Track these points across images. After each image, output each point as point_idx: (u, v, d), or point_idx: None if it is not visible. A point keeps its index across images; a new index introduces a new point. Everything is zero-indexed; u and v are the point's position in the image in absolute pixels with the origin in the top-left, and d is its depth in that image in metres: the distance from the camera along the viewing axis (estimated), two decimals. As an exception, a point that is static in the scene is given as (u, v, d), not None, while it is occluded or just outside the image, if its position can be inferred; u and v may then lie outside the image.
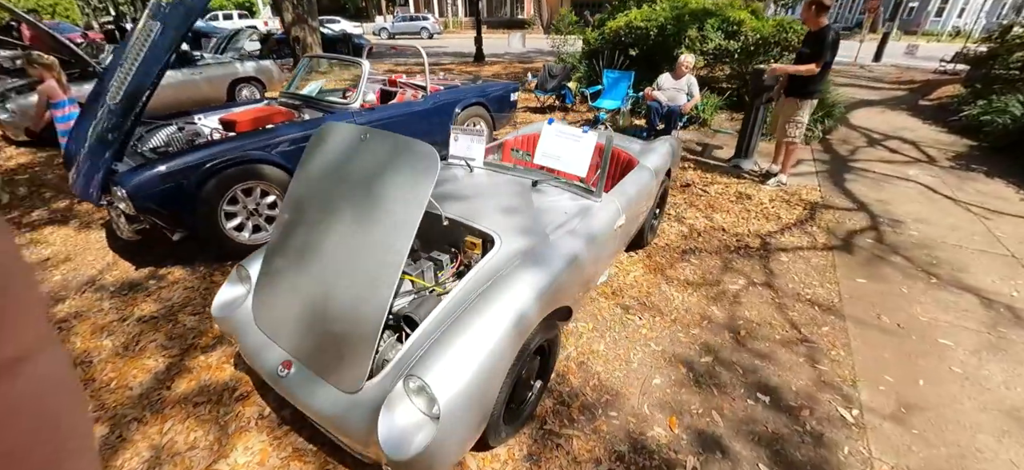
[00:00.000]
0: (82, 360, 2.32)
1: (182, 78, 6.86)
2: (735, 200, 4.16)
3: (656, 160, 2.95)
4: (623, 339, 2.45)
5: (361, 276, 1.48)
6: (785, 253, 3.33)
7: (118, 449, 1.84)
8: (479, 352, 1.41)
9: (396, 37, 26.62)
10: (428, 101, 4.40)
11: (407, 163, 1.54)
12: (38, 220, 3.77)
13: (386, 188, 1.53)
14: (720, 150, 5.58)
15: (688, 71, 5.51)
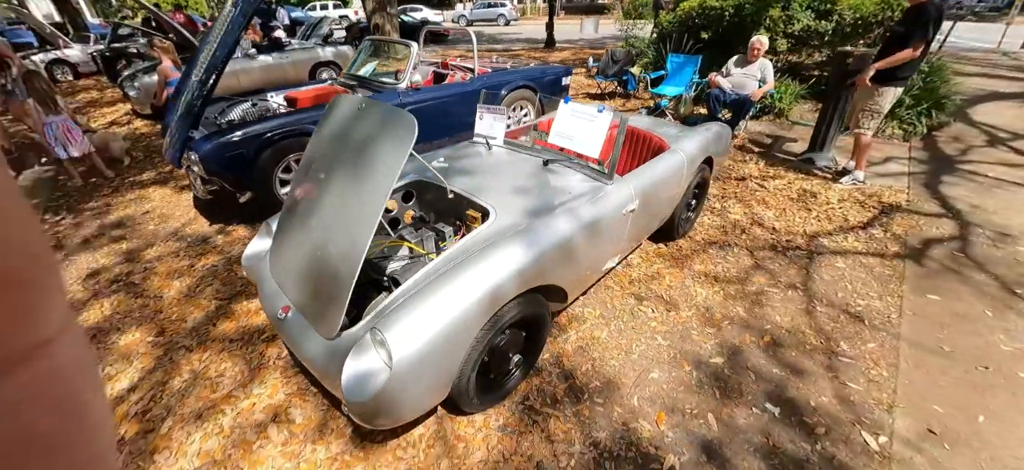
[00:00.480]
0: (155, 295, 2.76)
1: (271, 62, 7.66)
2: (796, 198, 3.74)
3: (691, 147, 2.75)
4: (629, 329, 2.36)
5: (343, 232, 1.60)
6: (842, 258, 2.95)
7: (167, 369, 2.19)
8: (443, 315, 1.46)
9: (474, 23, 27.16)
10: (474, 83, 4.50)
11: (389, 130, 1.62)
12: (146, 180, 4.50)
13: (371, 153, 1.63)
14: (794, 144, 5.02)
15: (761, 55, 5.00)
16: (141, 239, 3.44)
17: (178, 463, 1.73)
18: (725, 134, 3.23)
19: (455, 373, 1.56)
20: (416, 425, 1.82)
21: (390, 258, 2.00)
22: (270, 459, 1.73)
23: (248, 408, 1.95)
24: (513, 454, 1.73)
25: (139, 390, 2.07)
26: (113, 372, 2.19)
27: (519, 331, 1.88)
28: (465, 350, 1.55)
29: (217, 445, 1.79)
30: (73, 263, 3.16)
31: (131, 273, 3.01)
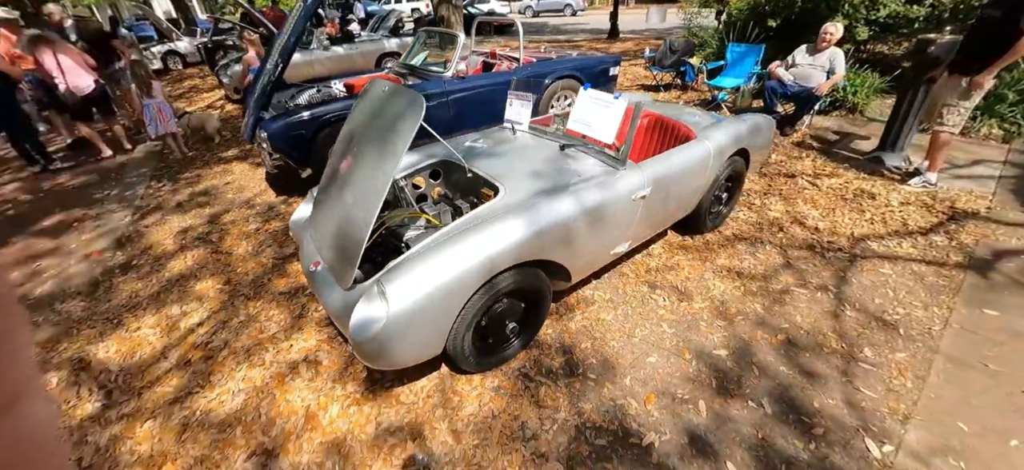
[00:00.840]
0: (227, 251, 3.24)
1: (342, 53, 8.31)
2: (849, 198, 3.47)
3: (721, 138, 2.67)
4: (635, 314, 2.40)
5: (360, 199, 1.82)
6: (890, 264, 2.72)
7: (228, 311, 2.59)
8: (438, 275, 1.63)
9: (540, 14, 27.08)
10: (518, 72, 4.62)
11: (401, 108, 1.81)
12: (230, 156, 5.17)
13: (386, 129, 1.83)
14: (864, 142, 4.59)
15: (833, 44, 4.60)
16: (221, 205, 4.01)
17: (227, 385, 2.08)
18: (766, 127, 3.08)
19: (449, 330, 1.73)
20: (420, 378, 2.03)
21: (409, 227, 2.22)
22: (297, 390, 2.02)
23: (286, 349, 2.27)
24: (502, 412, 1.88)
25: (205, 325, 2.49)
26: (188, 310, 2.64)
27: (518, 302, 2.01)
28: (458, 309, 1.71)
29: (258, 375, 2.13)
30: (169, 222, 3.77)
31: (210, 232, 3.54)
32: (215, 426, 1.89)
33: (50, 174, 5.07)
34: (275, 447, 1.78)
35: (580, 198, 2.03)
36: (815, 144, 4.56)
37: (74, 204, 4.27)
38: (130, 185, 4.65)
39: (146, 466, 1.74)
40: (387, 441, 1.78)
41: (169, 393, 2.07)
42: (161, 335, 2.46)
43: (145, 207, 4.12)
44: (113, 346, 2.39)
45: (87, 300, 2.82)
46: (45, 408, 0.32)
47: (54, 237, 3.68)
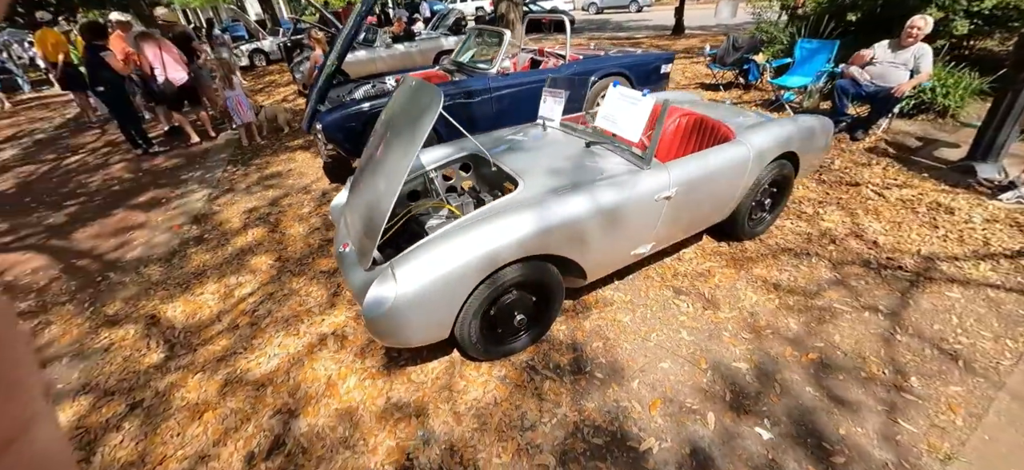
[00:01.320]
0: (282, 231, 3.56)
1: (403, 50, 8.72)
2: (922, 212, 3.10)
3: (762, 140, 2.50)
4: (654, 318, 2.33)
5: (383, 185, 1.95)
6: (960, 288, 2.41)
7: (276, 285, 2.87)
8: (444, 263, 1.71)
9: (604, 11, 26.50)
10: (562, 69, 4.62)
11: (420, 104, 1.91)
12: (296, 145, 5.65)
13: (409, 121, 1.94)
14: (953, 150, 4.06)
15: (920, 39, 4.11)
16: (282, 189, 4.40)
17: (266, 350, 2.32)
18: (821, 129, 2.84)
19: (455, 315, 1.81)
20: (432, 360, 2.13)
21: (432, 216, 2.33)
22: (323, 360, 2.21)
23: (318, 322, 2.48)
24: (504, 401, 1.92)
25: (255, 295, 2.77)
26: (243, 281, 2.95)
27: (528, 295, 2.04)
28: (463, 296, 1.78)
29: (292, 344, 2.34)
30: (238, 202, 4.21)
31: (270, 213, 3.91)
32: (251, 384, 2.12)
33: (149, 156, 5.84)
34: (297, 408, 1.96)
35: (596, 196, 2.01)
36: (891, 150, 4.11)
37: (165, 183, 4.90)
38: (210, 168, 5.24)
39: (191, 411, 1.99)
40: (394, 415, 1.90)
41: (218, 352, 2.34)
42: (219, 301, 2.78)
43: (221, 188, 4.63)
44: (180, 307, 2.75)
45: (164, 266, 3.24)
46: (55, 435, 0.31)
47: (146, 211, 4.26)
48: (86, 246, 3.70)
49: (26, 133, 8.34)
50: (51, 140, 7.58)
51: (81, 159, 6.23)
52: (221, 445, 1.83)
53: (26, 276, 3.32)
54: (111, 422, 2.00)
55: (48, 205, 4.67)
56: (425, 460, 1.72)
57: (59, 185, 5.28)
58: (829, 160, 3.99)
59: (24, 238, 3.95)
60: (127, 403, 2.09)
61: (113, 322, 2.68)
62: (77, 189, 5.07)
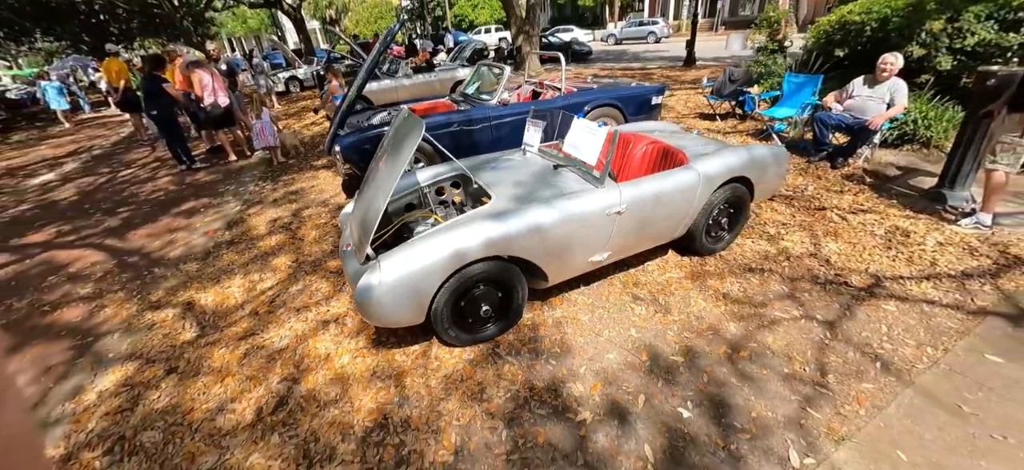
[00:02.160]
0: (301, 237, 4.05)
1: (423, 80, 9.40)
2: (879, 235, 3.32)
3: (711, 167, 2.83)
4: (609, 318, 2.65)
5: (376, 195, 2.37)
6: (898, 303, 2.64)
7: (292, 281, 3.32)
8: (420, 258, 2.11)
9: (623, 42, 27.25)
10: (557, 101, 5.06)
11: (407, 131, 2.34)
12: (320, 165, 6.25)
13: (397, 145, 2.38)
14: (931, 179, 4.25)
15: (894, 74, 4.37)
16: (304, 203, 4.94)
17: (279, 331, 2.75)
18: (774, 157, 3.14)
19: (429, 301, 2.19)
20: (413, 344, 2.51)
21: (421, 223, 2.74)
22: (324, 340, 2.62)
23: (324, 311, 2.90)
24: (468, 378, 2.27)
25: (273, 289, 3.23)
26: (265, 277, 3.42)
27: (494, 291, 2.41)
28: (435, 286, 2.16)
29: (301, 327, 2.77)
30: (265, 212, 4.76)
31: (292, 223, 4.42)
32: (265, 357, 2.54)
33: (192, 172, 6.55)
34: (299, 376, 2.37)
35: (554, 207, 2.38)
36: (868, 178, 4.33)
37: (204, 194, 5.53)
38: (244, 183, 5.87)
39: (216, 375, 2.43)
40: (376, 383, 2.28)
41: (240, 332, 2.79)
42: (243, 293, 3.25)
43: (251, 200, 5.21)
44: (211, 297, 3.23)
45: (200, 263, 3.76)
46: (17, 407, 0.33)
47: (187, 217, 4.86)
48: (136, 245, 4.29)
49: (86, 149, 9.35)
50: (107, 155, 8.51)
51: (133, 172, 7.02)
52: (237, 401, 2.25)
53: (87, 268, 3.90)
54: (152, 382, 2.45)
55: (105, 211, 5.35)
56: (397, 418, 2.08)
57: (114, 194, 6.01)
58: (805, 186, 4.24)
59: (85, 238, 4.59)
60: (165, 368, 2.54)
61: (156, 306, 3.18)
62: (129, 198, 5.77)
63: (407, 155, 2.23)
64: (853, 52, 5.72)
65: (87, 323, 3.09)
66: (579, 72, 13.28)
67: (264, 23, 37.20)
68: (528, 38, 13.68)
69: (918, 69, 5.21)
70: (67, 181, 6.99)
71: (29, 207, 5.89)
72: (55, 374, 2.60)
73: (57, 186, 6.75)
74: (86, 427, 2.21)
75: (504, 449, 1.92)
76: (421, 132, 2.22)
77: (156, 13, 18.84)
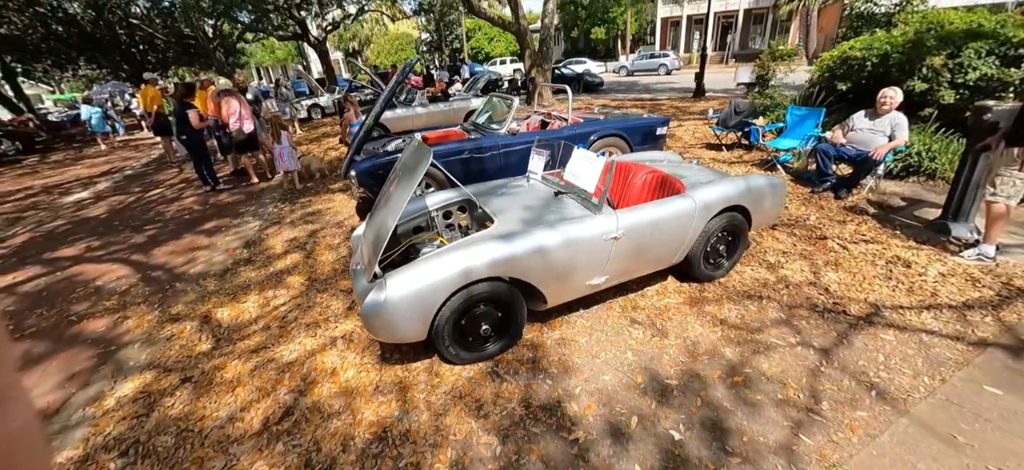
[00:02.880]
0: (315, 257, 4.22)
1: (438, 109, 9.74)
2: (880, 265, 3.34)
3: (707, 196, 2.92)
4: (607, 341, 2.71)
5: (385, 218, 2.52)
6: (896, 332, 2.65)
7: (304, 298, 3.47)
8: (425, 277, 2.22)
9: (634, 74, 27.77)
10: (564, 131, 5.24)
11: (417, 158, 2.50)
12: (337, 188, 6.50)
13: (407, 172, 2.53)
14: (935, 210, 4.26)
15: (893, 108, 4.46)
16: (320, 224, 5.14)
17: (289, 346, 2.87)
18: (771, 187, 3.22)
19: (431, 319, 2.29)
20: (416, 360, 2.60)
21: (427, 244, 2.88)
22: (331, 355, 2.73)
23: (333, 328, 3.03)
24: (467, 395, 2.35)
25: (287, 305, 3.38)
26: (279, 294, 3.58)
27: (495, 311, 2.50)
28: (438, 304, 2.27)
29: (310, 342, 2.89)
30: (283, 232, 4.97)
31: (307, 243, 4.61)
32: (274, 370, 2.65)
33: (216, 193, 6.87)
34: (305, 388, 2.47)
35: (553, 232, 2.50)
36: (871, 209, 4.35)
37: (226, 215, 5.80)
38: (264, 204, 6.13)
39: (227, 386, 2.54)
40: (378, 398, 2.36)
41: (252, 345, 2.92)
42: (258, 308, 3.40)
43: (270, 220, 5.44)
44: (227, 311, 3.38)
45: (219, 280, 3.95)
46: (26, 415, 0.34)
47: (209, 236, 5.10)
48: (160, 261, 4.51)
49: (118, 169, 9.85)
50: (138, 176, 8.96)
51: (161, 193, 7.38)
52: (247, 411, 2.35)
53: (112, 282, 4.11)
54: (167, 390, 2.58)
55: (132, 228, 5.64)
56: (396, 432, 2.16)
57: (142, 212, 6.32)
58: (807, 215, 4.28)
59: (113, 253, 4.84)
60: (181, 378, 2.67)
61: (175, 319, 3.35)
62: (156, 216, 6.07)
63: (415, 181, 2.38)
64: (856, 86, 5.82)
65: (110, 333, 3.27)
66: (589, 103, 13.60)
67: (291, 53, 38.98)
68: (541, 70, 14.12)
69: (921, 103, 5.28)
70: (99, 199, 7.38)
71: (63, 222, 6.23)
72: (78, 380, 2.76)
73: (90, 203, 7.13)
74: (104, 430, 2.33)
75: (498, 465, 1.98)
76: (429, 160, 2.38)
77: (191, 44, 20.05)
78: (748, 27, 31.13)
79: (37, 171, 10.60)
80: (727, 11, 30.46)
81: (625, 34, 34.41)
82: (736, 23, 30.77)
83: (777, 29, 29.33)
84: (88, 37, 17.29)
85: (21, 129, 14.19)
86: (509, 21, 13.83)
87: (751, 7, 30.12)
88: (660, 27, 32.70)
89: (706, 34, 14.65)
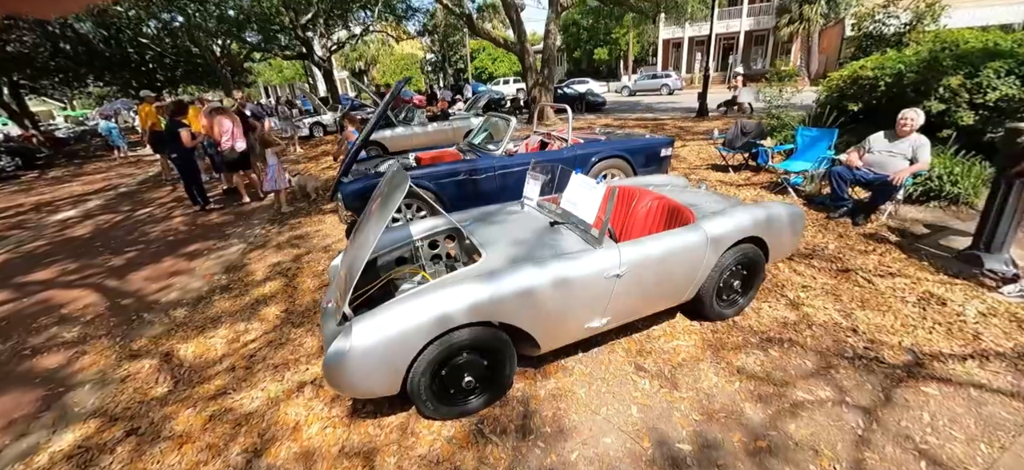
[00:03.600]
0: (296, 285, 3.94)
1: (438, 128, 9.60)
2: (912, 302, 3.02)
3: (719, 227, 2.63)
4: (609, 392, 2.39)
5: (358, 252, 2.24)
6: (939, 385, 2.32)
7: (277, 333, 3.17)
8: (397, 323, 1.93)
9: (636, 94, 27.77)
10: (564, 152, 4.99)
11: (394, 184, 2.24)
12: (326, 209, 6.26)
13: (384, 199, 2.27)
14: (962, 239, 3.94)
15: (914, 130, 4.19)
16: (306, 248, 4.88)
17: (250, 392, 2.56)
18: (789, 216, 2.93)
19: (404, 371, 1.99)
20: (390, 415, 2.29)
21: (407, 280, 2.59)
22: (296, 406, 2.42)
23: (303, 370, 2.72)
24: (446, 460, 2.03)
25: (257, 342, 3.08)
26: (251, 328, 3.28)
27: (480, 359, 2.20)
28: (413, 354, 1.97)
29: (275, 388, 2.58)
30: (267, 257, 4.71)
31: (290, 269, 4.34)
32: (231, 422, 2.35)
33: (205, 212, 6.64)
34: (262, 448, 2.15)
35: (548, 270, 2.20)
36: (892, 237, 4.04)
37: (210, 236, 5.55)
38: (252, 225, 5.89)
39: (175, 442, 2.24)
40: (344, 462, 2.05)
41: (212, 390, 2.62)
42: (226, 344, 3.11)
43: (256, 243, 5.18)
44: (192, 347, 3.09)
45: (190, 309, 3.66)
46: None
47: (190, 260, 4.84)
48: (134, 287, 4.25)
49: (113, 186, 9.69)
50: (131, 193, 8.78)
51: (150, 211, 7.17)
52: (191, 475, 2.04)
53: (79, 310, 3.84)
54: (108, 444, 2.27)
55: (113, 250, 5.40)
56: (360, 507, 1.84)
57: (127, 233, 6.09)
58: (825, 244, 3.97)
59: (87, 276, 4.58)
60: (126, 429, 2.37)
61: (135, 356, 3.06)
62: (140, 237, 5.83)
63: (391, 210, 2.11)
64: (867, 106, 5.56)
65: (63, 371, 2.98)
66: (591, 123, 13.44)
67: (299, 72, 39.47)
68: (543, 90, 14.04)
69: (939, 124, 5.00)
70: (87, 218, 7.18)
71: (44, 243, 6.01)
72: (15, 429, 2.46)
73: (76, 222, 6.92)
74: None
75: (477, 553, 1.65)
76: (406, 187, 2.11)
77: (199, 63, 20.26)
78: (749, 48, 31.25)
79: (32, 187, 10.47)
80: (728, 33, 30.62)
81: (627, 55, 34.63)
82: (737, 45, 30.90)
83: (778, 51, 29.41)
84: (97, 54, 17.46)
85: (22, 145, 14.17)
86: (512, 42, 13.82)
87: (752, 29, 30.28)
88: (662, 48, 32.86)
89: (709, 56, 14.56)
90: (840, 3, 23.55)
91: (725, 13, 29.73)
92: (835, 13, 23.86)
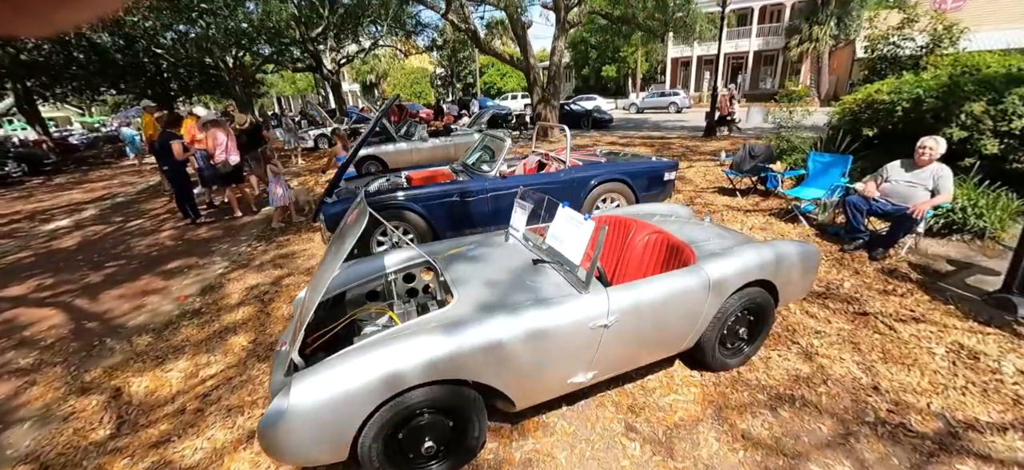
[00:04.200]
0: (269, 312, 3.70)
1: (439, 144, 9.42)
2: (942, 354, 2.70)
3: (724, 268, 2.34)
4: (593, 459, 2.10)
5: (311, 293, 2.00)
6: (975, 461, 2.00)
7: (238, 369, 2.92)
8: (344, 380, 1.67)
9: (644, 111, 27.62)
10: (562, 175, 4.75)
11: (356, 213, 2.00)
12: (314, 228, 6.05)
13: (342, 233, 2.03)
14: (992, 278, 3.62)
15: (934, 159, 3.90)
16: (289, 269, 4.66)
17: (195, 441, 2.31)
18: (801, 256, 2.65)
19: (351, 437, 1.72)
20: (344, 477, 2.02)
21: (370, 322, 2.33)
22: (241, 462, 2.16)
23: (257, 415, 2.46)
24: (398, 540, 1.75)
25: (215, 378, 2.84)
26: (213, 361, 3.05)
27: (444, 420, 1.92)
28: (362, 418, 1.71)
29: (222, 437, 2.33)
30: (246, 278, 4.49)
31: (268, 293, 4.11)
32: (166, 479, 2.09)
33: (194, 227, 6.48)
34: (192, 515, 1.89)
35: (525, 319, 1.93)
36: (914, 274, 3.71)
37: (194, 253, 5.36)
38: (239, 242, 5.69)
39: (99, 503, 1.98)
40: (280, 539, 1.77)
41: (155, 436, 2.37)
42: (182, 380, 2.87)
43: (239, 262, 4.98)
44: (145, 382, 2.85)
45: (155, 336, 3.44)
46: None
47: (167, 278, 4.64)
48: (103, 308, 4.04)
49: (111, 196, 9.62)
50: (126, 204, 8.68)
51: (140, 224, 7.03)
52: (107, 547, 1.78)
53: (41, 332, 3.64)
54: (27, 502, 2.02)
55: (93, 265, 5.22)
56: None
57: (112, 246, 5.93)
58: (840, 281, 3.66)
59: (59, 294, 4.39)
60: (52, 482, 2.12)
61: (84, 390, 2.83)
62: (123, 252, 5.66)
63: (347, 247, 1.87)
64: (883, 132, 5.26)
65: (7, 405, 2.75)
66: (595, 140, 13.26)
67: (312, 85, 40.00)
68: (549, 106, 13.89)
69: (961, 152, 4.70)
70: (78, 228, 7.05)
71: (29, 254, 5.87)
72: (-65, 477, 2.23)
73: (65, 233, 6.79)
74: (-74, 564, 1.78)
75: None
76: (365, 222, 1.88)
77: (212, 74, 20.49)
78: (758, 68, 31.08)
79: (33, 194, 10.47)
80: (738, 53, 30.50)
81: (636, 72, 34.60)
82: (746, 64, 30.75)
83: (788, 71, 29.17)
84: (110, 64, 17.69)
85: (31, 150, 14.30)
86: (519, 58, 13.73)
87: (761, 49, 30.12)
88: (670, 67, 32.82)
89: (717, 75, 14.36)
90: (850, 25, 23.29)
91: (734, 33, 29.63)
92: (845, 35, 23.59)
